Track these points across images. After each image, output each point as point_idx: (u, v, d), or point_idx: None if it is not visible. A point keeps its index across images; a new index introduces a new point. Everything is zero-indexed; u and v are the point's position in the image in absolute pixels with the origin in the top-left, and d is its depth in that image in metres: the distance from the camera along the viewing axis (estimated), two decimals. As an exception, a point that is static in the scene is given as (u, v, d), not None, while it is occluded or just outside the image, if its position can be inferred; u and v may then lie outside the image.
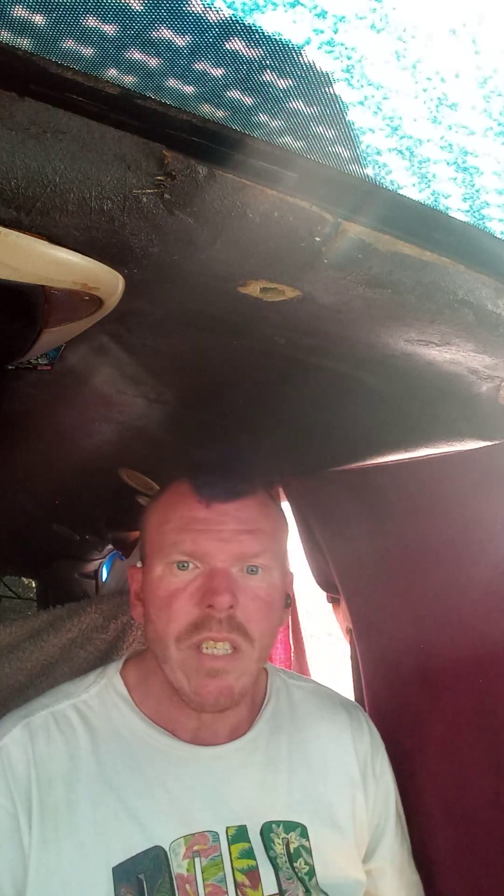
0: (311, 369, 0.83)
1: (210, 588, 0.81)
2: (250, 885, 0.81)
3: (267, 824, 0.86)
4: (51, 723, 0.87)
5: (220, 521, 0.84)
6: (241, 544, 0.84)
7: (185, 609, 0.82)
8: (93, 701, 0.91)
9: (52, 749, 0.85)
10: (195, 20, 0.33)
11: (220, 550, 0.83)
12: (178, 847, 0.81)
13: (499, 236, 0.48)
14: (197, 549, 0.83)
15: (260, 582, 0.85)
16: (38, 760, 0.83)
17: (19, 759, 0.83)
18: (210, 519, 0.84)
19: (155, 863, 0.79)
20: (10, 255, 0.50)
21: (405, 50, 0.35)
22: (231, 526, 0.84)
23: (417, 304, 0.57)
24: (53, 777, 0.82)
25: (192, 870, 0.80)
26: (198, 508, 0.85)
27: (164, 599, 0.83)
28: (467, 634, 0.94)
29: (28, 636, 1.63)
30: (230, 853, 0.82)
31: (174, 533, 0.85)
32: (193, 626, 0.81)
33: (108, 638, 1.61)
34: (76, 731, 0.87)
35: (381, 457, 0.99)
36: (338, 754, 0.96)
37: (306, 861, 0.86)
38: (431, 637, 1.01)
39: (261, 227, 0.48)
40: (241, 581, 0.84)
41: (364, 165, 0.43)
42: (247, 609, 0.83)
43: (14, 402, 1.19)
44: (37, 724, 0.87)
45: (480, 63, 0.35)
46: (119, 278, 0.58)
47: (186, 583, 0.83)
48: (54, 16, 0.33)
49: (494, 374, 0.70)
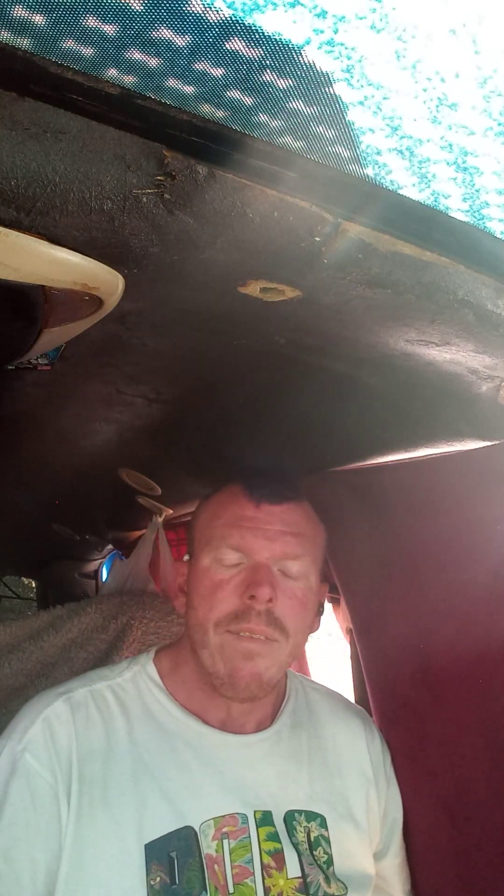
0: (311, 369, 0.83)
1: (253, 580, 0.86)
2: (276, 867, 0.85)
3: (290, 812, 0.90)
4: (90, 700, 0.90)
5: (267, 521, 0.90)
6: (284, 544, 0.89)
7: (228, 599, 0.87)
8: (127, 685, 0.94)
9: (91, 725, 0.87)
10: (195, 20, 0.33)
11: (265, 548, 0.89)
12: (207, 828, 0.83)
13: (499, 236, 0.48)
14: (244, 543, 0.89)
15: (298, 582, 0.90)
16: (79, 734, 0.86)
17: (61, 732, 0.85)
18: (258, 518, 0.90)
19: (186, 842, 0.82)
20: (10, 255, 0.50)
21: (405, 50, 0.35)
22: (277, 526, 0.90)
23: (417, 304, 0.57)
24: (92, 752, 0.85)
25: (220, 850, 0.83)
26: (248, 507, 0.91)
27: (209, 588, 0.89)
28: (467, 634, 0.94)
29: (28, 636, 1.64)
30: (258, 835, 0.86)
31: (224, 528, 0.91)
32: (234, 615, 0.86)
33: (108, 638, 1.62)
34: (112, 711, 0.90)
35: (381, 457, 0.99)
36: (353, 754, 1.01)
37: (325, 850, 0.89)
38: (431, 637, 1.01)
39: (261, 227, 0.48)
40: (281, 579, 0.89)
41: (364, 165, 0.43)
42: (284, 606, 0.88)
43: (14, 402, 1.19)
44: (77, 700, 0.90)
45: (480, 63, 0.35)
46: (119, 278, 0.58)
47: (231, 575, 0.89)
48: (54, 16, 0.33)
49: (494, 374, 0.70)
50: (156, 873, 0.78)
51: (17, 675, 1.56)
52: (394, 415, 0.88)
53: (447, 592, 0.98)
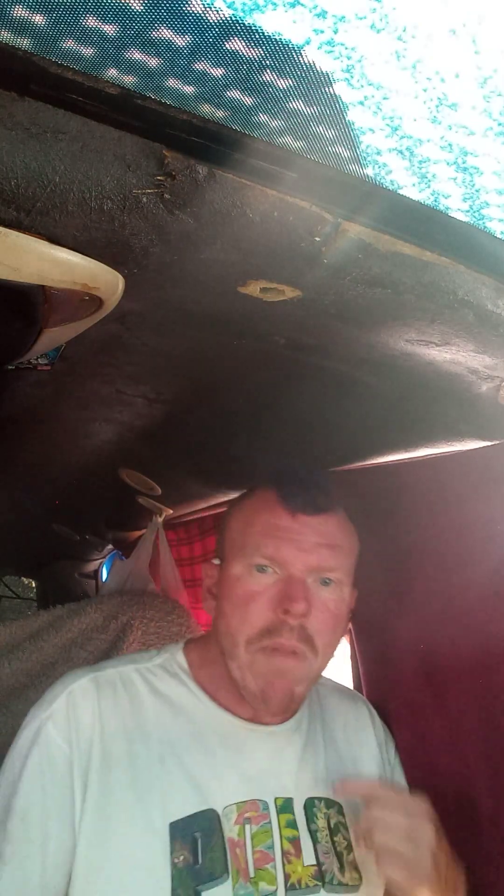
0: (311, 369, 0.83)
1: (288, 594, 0.85)
2: (294, 853, 0.85)
3: (310, 799, 0.91)
4: (117, 680, 0.91)
5: (302, 532, 0.88)
6: (319, 556, 0.88)
7: (261, 612, 0.86)
8: (156, 670, 0.95)
9: (118, 704, 0.88)
10: (195, 20, 0.33)
11: (299, 559, 0.87)
12: (230, 812, 0.84)
13: (499, 236, 0.48)
14: (278, 555, 0.87)
15: (331, 595, 0.89)
16: (104, 713, 0.87)
17: (84, 707, 0.87)
18: (293, 528, 0.88)
19: (209, 824, 0.83)
20: (10, 255, 0.50)
21: (405, 50, 0.35)
22: (312, 538, 0.88)
23: (417, 304, 0.57)
24: (117, 731, 0.86)
25: (242, 835, 0.84)
26: (283, 517, 0.89)
27: (241, 598, 0.88)
28: (468, 634, 0.94)
29: (28, 636, 1.64)
30: (279, 822, 0.86)
31: (258, 536, 0.89)
32: (266, 630, 0.86)
33: (108, 638, 1.62)
34: (140, 692, 0.91)
35: (381, 457, 0.99)
36: (362, 743, 1.03)
37: (345, 836, 0.90)
38: (432, 636, 1.01)
39: (261, 227, 0.48)
40: (315, 592, 0.88)
41: (364, 165, 0.43)
42: (317, 620, 0.87)
43: (14, 402, 1.19)
44: (104, 679, 0.91)
45: (480, 63, 0.35)
46: (119, 278, 0.58)
47: (264, 586, 0.87)
48: (54, 16, 0.33)
49: (494, 374, 0.70)
50: (180, 852, 0.79)
51: (17, 675, 1.56)
52: (394, 415, 0.88)
53: (447, 592, 0.98)
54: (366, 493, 1.12)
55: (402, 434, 0.91)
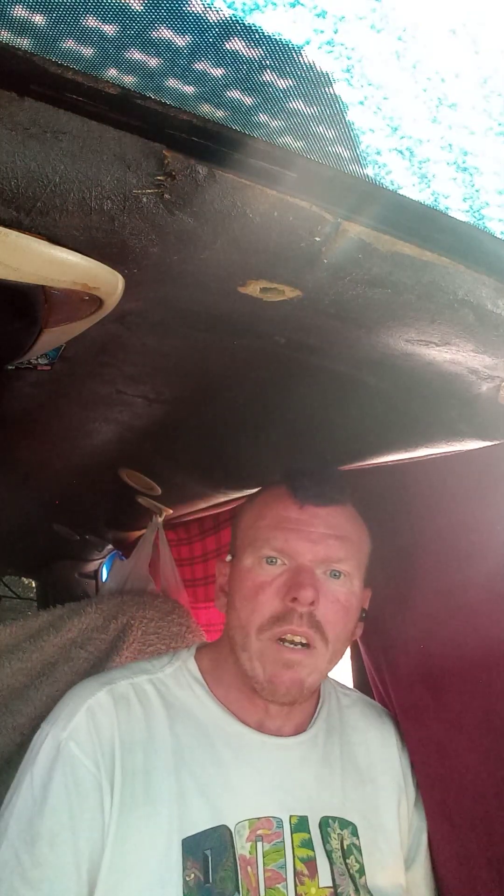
0: (311, 369, 0.83)
1: (295, 582, 0.86)
2: (308, 874, 0.84)
3: (325, 818, 0.89)
4: (131, 693, 0.91)
5: (311, 523, 0.89)
6: (327, 547, 0.88)
7: (270, 601, 0.87)
8: (168, 680, 0.95)
9: (133, 717, 0.88)
10: (195, 20, 0.33)
11: (308, 550, 0.88)
12: (242, 829, 0.83)
13: (499, 236, 0.48)
14: (287, 546, 0.88)
15: (340, 586, 0.90)
16: (121, 725, 0.86)
17: (105, 723, 0.86)
18: (302, 520, 0.89)
19: (221, 841, 0.82)
20: (10, 255, 0.50)
21: (405, 50, 0.35)
22: (320, 529, 0.89)
23: (417, 304, 0.57)
24: (133, 743, 0.85)
25: (254, 853, 0.82)
26: (292, 509, 0.90)
27: (251, 590, 0.89)
28: (468, 634, 0.94)
29: (28, 636, 1.63)
30: (292, 841, 0.85)
31: (267, 529, 0.90)
32: (275, 618, 0.86)
33: (108, 638, 1.62)
34: (153, 704, 0.90)
35: (381, 457, 0.99)
36: (384, 761, 1.00)
37: (357, 859, 0.88)
38: (432, 637, 1.01)
39: (261, 227, 0.48)
40: (324, 582, 0.88)
41: (364, 165, 0.43)
42: (326, 610, 0.87)
43: (14, 402, 1.19)
44: (119, 692, 0.90)
45: (480, 63, 0.35)
46: (119, 278, 0.58)
47: (273, 577, 0.88)
48: (54, 16, 0.33)
49: (494, 374, 0.70)
50: (191, 870, 0.78)
51: (18, 675, 1.56)
52: (394, 415, 0.88)
53: (448, 592, 0.98)
54: (366, 492, 1.12)
55: (402, 434, 0.91)
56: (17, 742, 1.44)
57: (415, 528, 1.04)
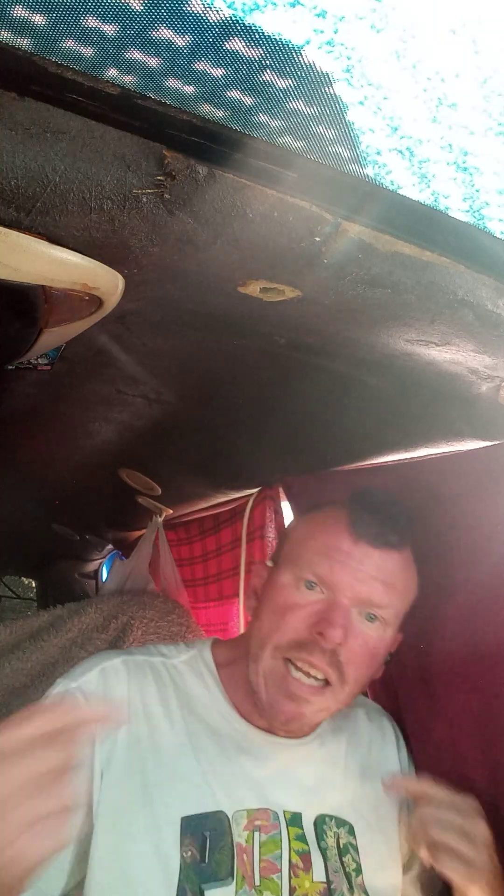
0: (311, 369, 0.83)
1: (327, 617, 0.83)
2: (303, 867, 0.84)
3: (321, 816, 0.89)
4: (147, 668, 0.92)
5: (361, 562, 0.85)
6: (371, 590, 0.85)
7: (296, 625, 0.85)
8: (182, 667, 0.95)
9: (146, 689, 0.89)
10: (195, 20, 0.33)
11: (350, 588, 0.84)
12: (240, 818, 0.83)
13: (499, 236, 0.48)
14: (330, 576, 0.85)
15: (373, 631, 0.86)
16: (132, 693, 0.87)
17: (116, 685, 0.87)
18: (353, 555, 0.86)
19: (219, 826, 0.82)
20: (10, 255, 0.50)
21: (405, 50, 0.35)
22: (369, 570, 0.85)
23: (417, 304, 0.57)
24: (144, 714, 0.86)
25: (250, 842, 0.82)
26: (345, 540, 0.86)
27: (281, 607, 0.87)
28: (467, 634, 0.94)
29: (28, 636, 1.64)
30: (289, 834, 0.85)
31: (315, 553, 0.87)
32: (296, 643, 0.84)
33: (108, 638, 1.62)
34: (166, 685, 0.91)
35: (381, 457, 0.99)
36: (387, 762, 1.00)
37: (354, 858, 0.88)
38: (432, 636, 1.01)
39: (261, 227, 0.48)
40: (357, 623, 0.85)
41: (364, 165, 0.43)
42: (351, 651, 0.84)
43: (14, 402, 1.19)
44: (135, 663, 0.91)
45: (480, 63, 0.35)
46: (119, 278, 0.58)
47: (308, 602, 0.85)
48: (54, 16, 0.33)
49: (494, 374, 0.70)
50: (188, 847, 0.79)
51: (18, 675, 1.56)
52: (394, 415, 0.88)
53: (447, 592, 0.97)
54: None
55: (402, 434, 0.91)
56: (18, 742, 1.44)
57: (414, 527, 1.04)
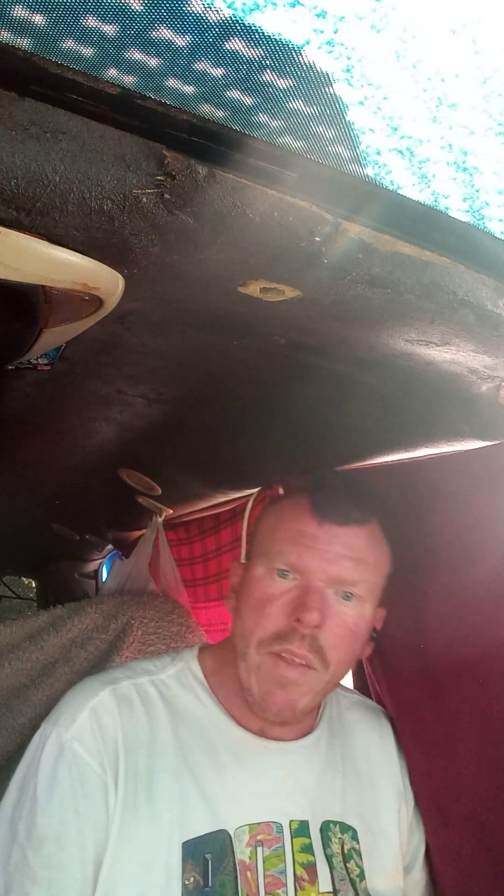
0: (311, 369, 0.83)
1: (302, 603, 0.83)
2: (308, 879, 0.83)
3: (326, 822, 0.88)
4: (134, 693, 0.90)
5: (328, 542, 0.86)
6: (342, 569, 0.85)
7: (275, 616, 0.85)
8: (170, 681, 0.93)
9: (136, 718, 0.87)
10: (195, 20, 0.33)
11: (321, 570, 0.85)
12: (242, 834, 0.82)
13: (499, 236, 0.48)
14: (299, 562, 0.85)
15: (350, 609, 0.87)
16: (125, 726, 0.85)
17: (109, 723, 0.85)
18: (319, 537, 0.86)
19: (220, 845, 0.81)
20: (10, 255, 0.50)
21: (405, 50, 0.35)
22: (337, 549, 0.86)
23: (417, 304, 0.57)
24: (137, 745, 0.84)
25: (253, 858, 0.82)
26: (310, 524, 0.87)
27: (258, 601, 0.87)
28: (467, 634, 0.94)
29: (28, 636, 1.64)
30: (292, 846, 0.84)
31: (282, 542, 0.88)
32: (277, 635, 0.84)
33: (108, 638, 1.62)
34: (155, 706, 0.89)
35: (381, 457, 0.99)
36: (385, 765, 0.99)
37: (357, 864, 0.88)
38: (431, 637, 1.01)
39: (261, 227, 0.48)
40: (334, 604, 0.86)
41: (364, 165, 0.43)
42: (331, 633, 0.85)
43: (14, 402, 1.19)
44: (122, 692, 0.89)
45: (480, 63, 0.35)
46: (119, 278, 0.58)
47: (282, 591, 0.86)
48: (54, 16, 0.33)
49: (494, 374, 0.70)
50: (190, 873, 0.78)
51: (18, 675, 1.56)
52: (394, 415, 0.88)
53: (447, 592, 0.97)
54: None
55: (402, 434, 0.91)
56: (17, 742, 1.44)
57: (415, 527, 1.04)
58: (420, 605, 1.03)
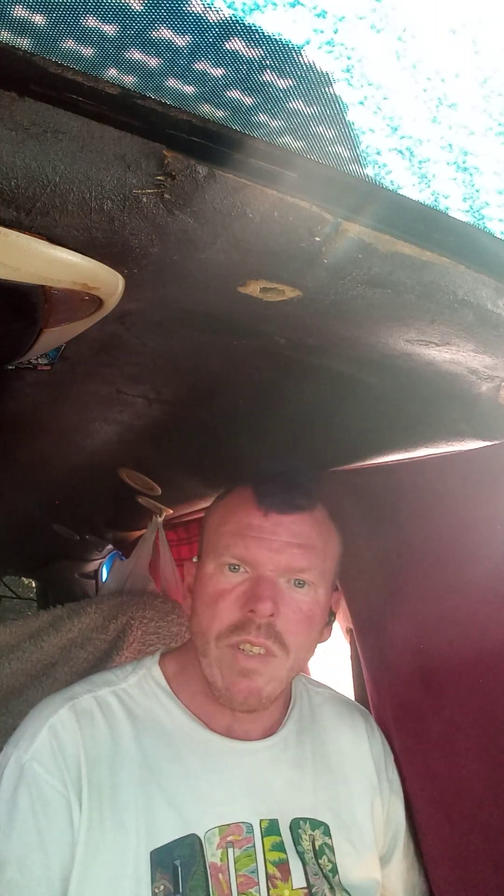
0: (311, 369, 0.83)
1: (254, 594, 0.85)
2: (280, 877, 0.83)
3: (295, 820, 0.88)
4: (94, 706, 0.89)
5: (274, 532, 0.87)
6: (290, 557, 0.87)
7: (229, 610, 0.86)
8: (132, 690, 0.93)
9: (97, 732, 0.86)
10: (195, 20, 0.33)
11: (269, 560, 0.86)
12: (212, 836, 0.83)
13: (499, 236, 0.48)
14: (248, 554, 0.86)
15: (304, 596, 0.88)
16: (85, 741, 0.85)
17: (68, 740, 0.84)
18: (265, 528, 0.87)
19: (190, 850, 0.81)
20: (10, 255, 0.50)
21: (405, 50, 0.35)
22: (283, 538, 0.87)
23: (417, 304, 0.57)
24: (99, 758, 0.84)
25: (225, 859, 0.82)
26: (255, 515, 0.88)
27: (212, 597, 0.87)
28: (467, 634, 0.94)
29: (28, 636, 1.64)
30: (263, 845, 0.85)
31: (229, 536, 0.88)
32: (234, 627, 0.85)
33: (108, 638, 1.62)
34: (117, 717, 0.89)
35: (381, 457, 0.99)
36: (357, 759, 1.00)
37: (329, 859, 0.88)
38: (431, 637, 1.01)
39: (261, 227, 0.48)
40: (286, 592, 0.87)
41: (364, 165, 0.43)
42: (287, 620, 0.86)
43: (14, 402, 1.19)
44: (82, 707, 0.88)
45: (480, 63, 0.35)
46: (119, 278, 0.58)
47: (234, 585, 0.87)
48: (54, 16, 0.33)
49: (494, 374, 0.70)
50: (160, 881, 0.78)
51: (17, 675, 1.56)
52: (394, 415, 0.88)
53: (447, 592, 0.98)
54: (365, 493, 1.12)
55: (402, 434, 0.91)
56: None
57: (415, 527, 1.04)
58: (420, 605, 1.03)
